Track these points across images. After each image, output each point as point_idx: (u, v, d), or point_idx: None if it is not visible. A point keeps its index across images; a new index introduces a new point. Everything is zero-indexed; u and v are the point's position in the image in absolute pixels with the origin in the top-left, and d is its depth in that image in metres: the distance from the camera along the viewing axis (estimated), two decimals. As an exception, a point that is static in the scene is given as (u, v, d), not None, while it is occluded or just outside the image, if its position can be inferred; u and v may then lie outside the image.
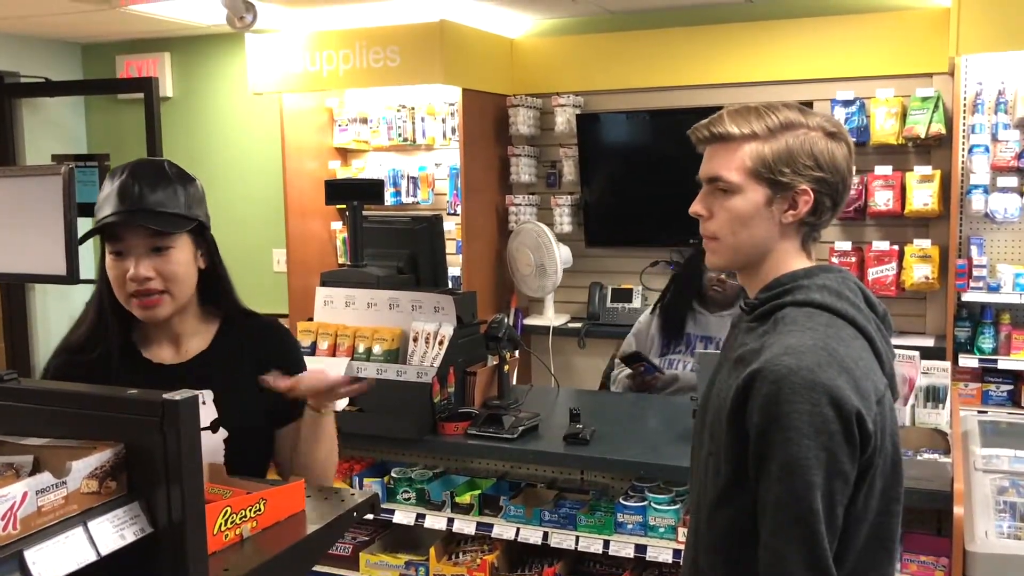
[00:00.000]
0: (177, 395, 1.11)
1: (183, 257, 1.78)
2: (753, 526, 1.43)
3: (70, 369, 1.82)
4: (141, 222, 1.72)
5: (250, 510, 1.34)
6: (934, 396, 2.83)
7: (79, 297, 6.01)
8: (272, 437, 1.93)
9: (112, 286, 1.77)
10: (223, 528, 1.30)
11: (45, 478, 1.07)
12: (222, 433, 1.84)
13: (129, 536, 1.12)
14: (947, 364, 2.83)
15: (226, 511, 1.30)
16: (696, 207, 1.58)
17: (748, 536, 1.43)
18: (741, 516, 1.46)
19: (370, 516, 1.49)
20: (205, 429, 1.81)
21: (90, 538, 1.08)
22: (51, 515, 1.07)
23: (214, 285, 1.89)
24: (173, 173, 1.79)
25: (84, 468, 1.11)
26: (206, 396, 1.81)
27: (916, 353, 2.87)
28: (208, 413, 1.81)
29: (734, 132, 1.51)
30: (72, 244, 1.34)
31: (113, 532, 1.11)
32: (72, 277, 1.38)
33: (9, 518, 1.01)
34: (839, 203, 1.55)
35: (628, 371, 3.58)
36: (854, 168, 1.57)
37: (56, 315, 6.00)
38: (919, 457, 2.66)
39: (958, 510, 2.35)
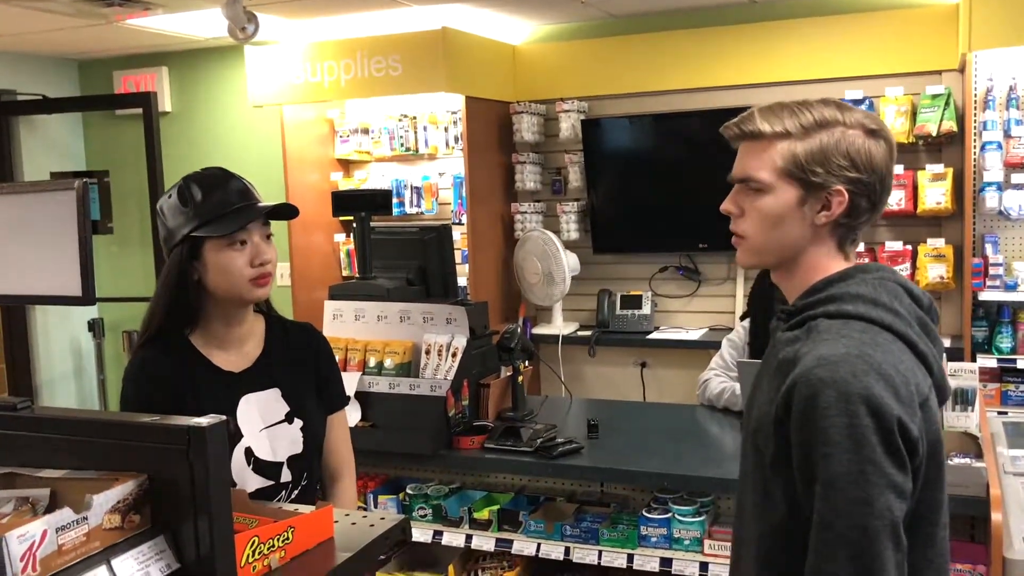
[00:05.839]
0: (204, 421, 1.04)
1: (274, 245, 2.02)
2: (803, 541, 1.36)
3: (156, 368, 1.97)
4: (280, 212, 1.97)
5: (278, 539, 1.27)
6: (963, 399, 2.75)
7: (80, 316, 5.94)
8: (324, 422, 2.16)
9: (227, 277, 1.93)
10: (251, 559, 1.22)
11: (65, 514, 1.00)
12: (297, 423, 2.05)
13: (155, 573, 1.05)
14: (974, 366, 2.75)
15: (253, 541, 1.23)
16: (727, 205, 1.53)
17: (798, 551, 1.37)
18: (793, 530, 1.39)
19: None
20: (281, 422, 2.04)
21: (114, 577, 1.02)
22: (72, 554, 1.00)
23: None
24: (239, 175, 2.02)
25: (106, 502, 1.04)
26: (276, 393, 2.04)
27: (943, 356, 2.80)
28: (281, 408, 2.04)
29: (765, 130, 1.46)
30: (88, 263, 1.28)
31: (138, 569, 1.04)
32: (88, 298, 1.31)
33: (28, 559, 0.95)
34: (878, 204, 1.49)
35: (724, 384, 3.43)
36: (893, 167, 1.51)
37: (57, 334, 5.93)
38: (951, 462, 2.59)
39: (996, 516, 2.28)
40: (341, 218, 5.24)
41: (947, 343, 4.26)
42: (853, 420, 1.30)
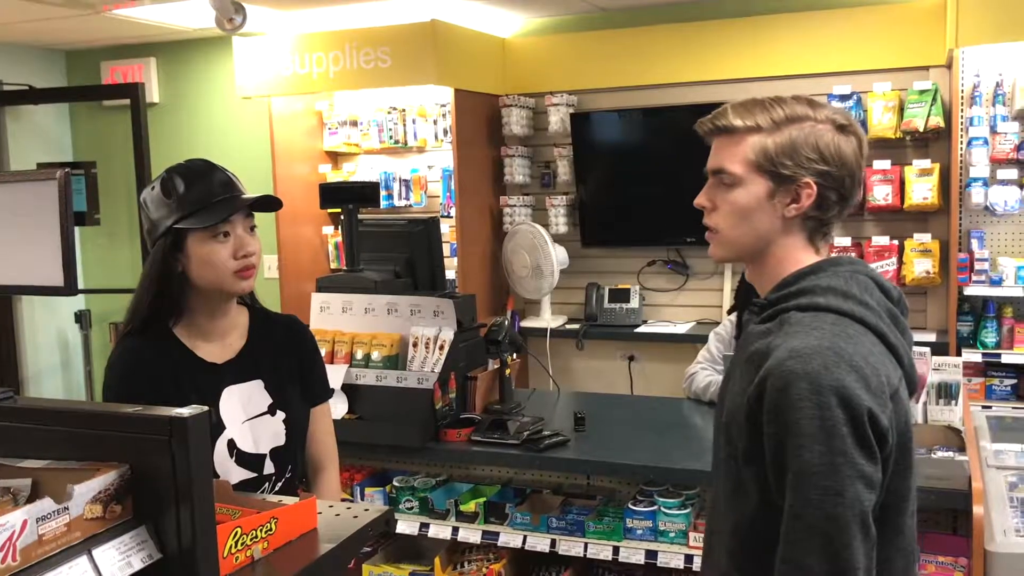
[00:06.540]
0: (186, 411, 1.04)
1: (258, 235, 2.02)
2: (775, 531, 1.38)
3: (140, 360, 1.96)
4: (264, 204, 1.97)
5: (261, 530, 1.27)
6: (946, 393, 2.78)
7: (67, 308, 5.92)
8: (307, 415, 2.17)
9: (211, 269, 1.92)
10: (233, 550, 1.23)
11: (46, 504, 1.00)
12: (280, 415, 2.06)
13: (136, 563, 1.05)
14: (959, 360, 2.79)
15: (236, 532, 1.23)
16: (700, 199, 1.57)
17: (771, 541, 1.39)
18: (765, 520, 1.41)
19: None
20: (264, 414, 2.04)
21: (95, 567, 1.02)
22: (53, 544, 1.00)
23: None
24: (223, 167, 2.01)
25: (87, 492, 1.04)
26: (259, 385, 2.04)
27: (927, 350, 2.83)
28: (263, 400, 2.05)
29: (737, 124, 1.49)
30: (70, 253, 1.28)
31: (119, 560, 1.04)
32: (70, 288, 1.31)
33: (8, 549, 0.95)
34: (848, 197, 1.51)
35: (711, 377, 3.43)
36: (864, 162, 1.53)
37: (44, 327, 5.90)
38: (934, 455, 2.61)
39: (978, 509, 2.30)
40: (329, 210, 5.23)
41: (932, 337, 4.29)
42: (824, 412, 1.32)
